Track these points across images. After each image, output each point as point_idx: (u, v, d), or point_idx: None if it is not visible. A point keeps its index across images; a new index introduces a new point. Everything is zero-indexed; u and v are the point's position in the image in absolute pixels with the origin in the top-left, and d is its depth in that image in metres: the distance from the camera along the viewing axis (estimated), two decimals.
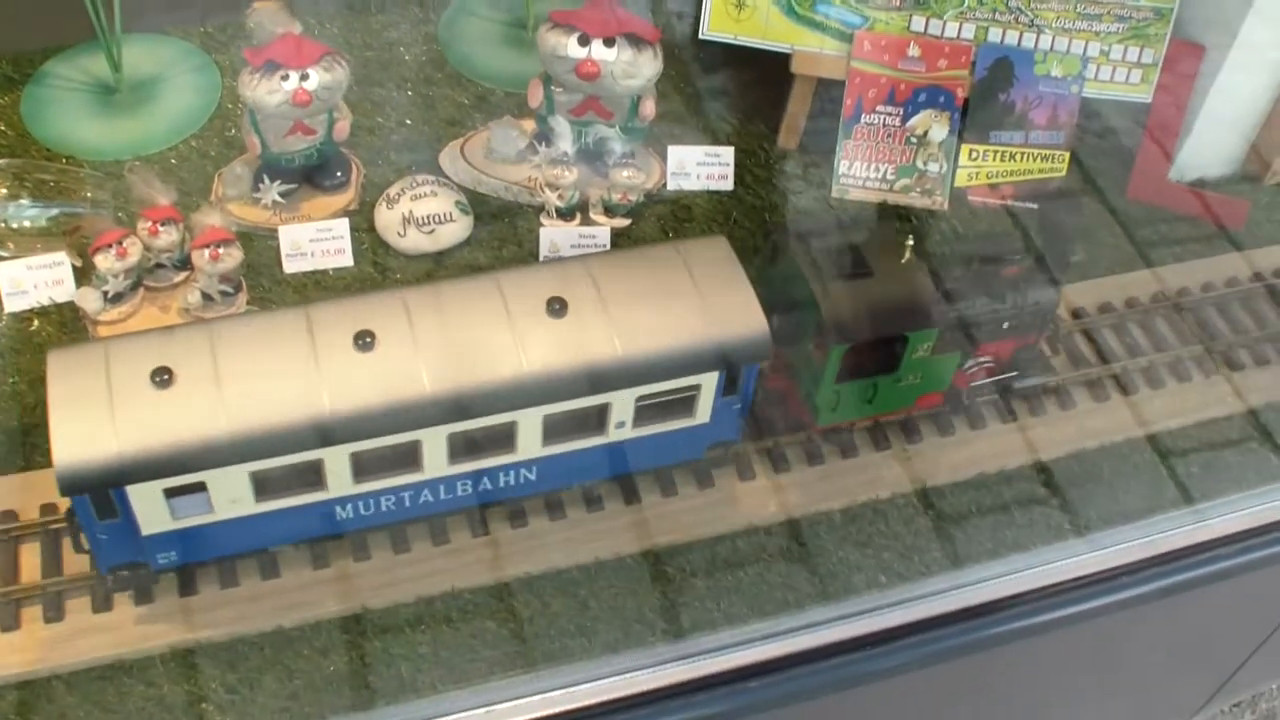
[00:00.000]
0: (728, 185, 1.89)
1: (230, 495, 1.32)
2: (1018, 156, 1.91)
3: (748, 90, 2.02)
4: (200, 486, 1.30)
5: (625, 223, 1.84)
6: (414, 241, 1.79)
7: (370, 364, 1.31)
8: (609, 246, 1.80)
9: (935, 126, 1.88)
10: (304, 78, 1.70)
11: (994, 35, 1.88)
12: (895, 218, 1.85)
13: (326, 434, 1.29)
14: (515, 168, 1.88)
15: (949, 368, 1.60)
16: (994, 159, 1.90)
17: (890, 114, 1.87)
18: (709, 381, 1.44)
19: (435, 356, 1.32)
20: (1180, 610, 1.77)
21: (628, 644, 1.46)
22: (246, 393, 1.28)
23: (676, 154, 1.88)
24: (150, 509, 1.30)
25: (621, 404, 1.42)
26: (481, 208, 1.85)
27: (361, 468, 1.35)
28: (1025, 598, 1.62)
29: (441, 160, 1.90)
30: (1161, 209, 1.94)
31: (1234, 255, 1.92)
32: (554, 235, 1.80)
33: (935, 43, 1.87)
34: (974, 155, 1.90)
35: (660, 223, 1.85)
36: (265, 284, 1.73)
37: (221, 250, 1.65)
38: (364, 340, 1.31)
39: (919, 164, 1.89)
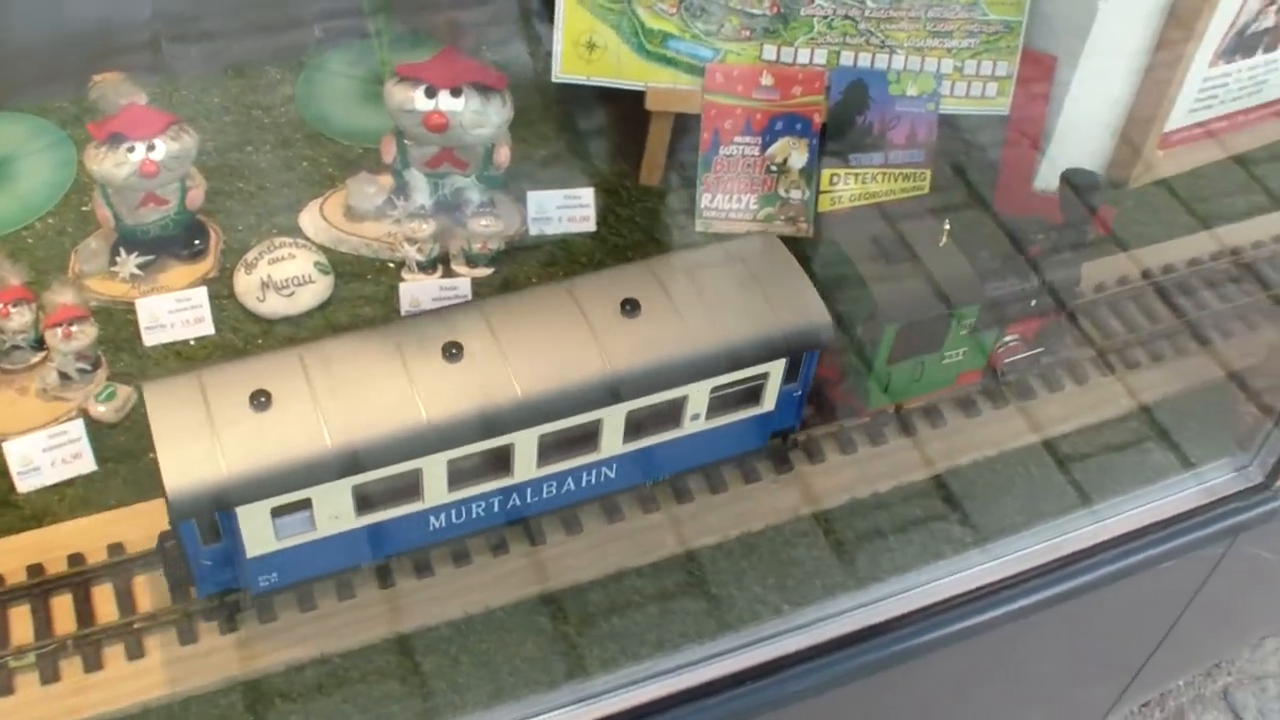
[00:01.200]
0: (590, 227, 1.89)
1: (332, 511, 1.35)
2: (879, 177, 1.91)
3: (608, 129, 2.02)
4: (305, 504, 1.33)
5: (487, 272, 1.83)
6: (274, 305, 1.78)
7: (460, 374, 1.36)
8: (470, 297, 1.78)
9: (794, 153, 1.88)
10: (150, 148, 1.70)
11: (846, 59, 1.89)
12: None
13: (425, 443, 1.34)
14: (375, 224, 1.87)
15: (987, 345, 1.70)
16: (856, 181, 1.91)
17: (748, 144, 1.88)
18: (775, 369, 1.51)
19: (521, 363, 1.38)
20: (1081, 613, 1.77)
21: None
22: (344, 408, 1.32)
23: (536, 199, 1.88)
24: (257, 530, 1.33)
25: (697, 396, 1.48)
26: (343, 266, 1.84)
27: (456, 476, 1.39)
28: (922, 614, 1.60)
29: (302, 221, 1.89)
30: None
31: (1106, 259, 1.92)
32: (414, 290, 1.79)
33: (788, 70, 1.87)
34: (835, 179, 1.90)
35: (523, 269, 1.84)
36: (126, 358, 1.71)
37: (74, 328, 1.63)
38: (452, 351, 1.37)
39: (781, 192, 1.89)
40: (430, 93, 1.75)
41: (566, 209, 1.89)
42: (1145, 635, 2.08)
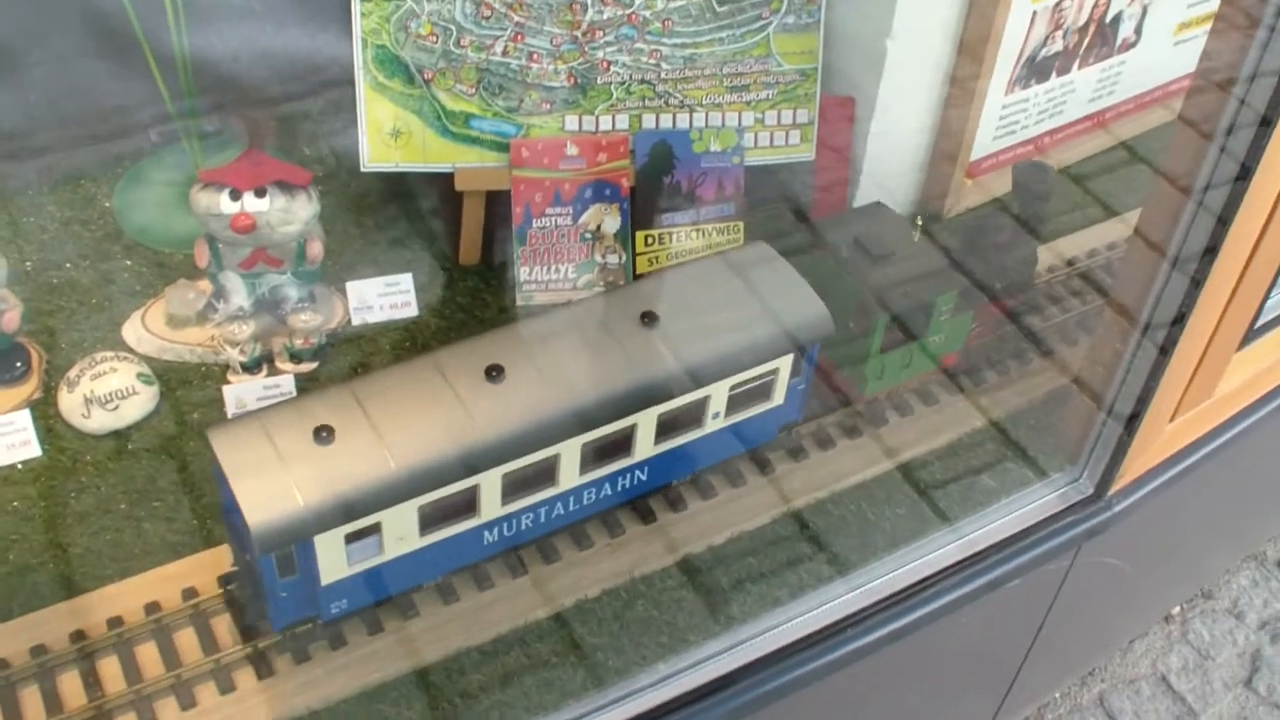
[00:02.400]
0: (412, 312, 1.91)
1: (399, 533, 1.45)
2: (693, 234, 1.95)
3: (426, 212, 2.05)
4: (375, 528, 1.42)
5: (311, 366, 1.85)
6: (100, 421, 1.78)
7: (504, 393, 1.47)
8: (295, 393, 1.79)
9: (607, 219, 1.92)
10: None
11: (648, 122, 1.93)
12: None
13: (480, 459, 1.45)
14: (197, 330, 1.88)
15: (965, 327, 1.88)
16: (671, 240, 1.94)
17: (560, 214, 1.91)
18: (785, 364, 1.65)
19: (559, 378, 1.50)
20: (940, 637, 1.81)
21: None
22: (403, 433, 1.42)
23: (356, 289, 1.90)
24: (331, 557, 1.41)
25: (718, 395, 1.61)
26: (169, 374, 1.85)
27: (508, 489, 1.50)
28: (779, 655, 1.63)
29: (125, 333, 1.90)
30: None
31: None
32: (238, 392, 1.80)
33: (592, 139, 1.91)
34: (650, 240, 1.93)
35: (348, 360, 1.86)
36: None
37: None
38: (494, 374, 1.48)
39: (598, 258, 1.92)
40: (234, 195, 1.77)
41: (387, 296, 1.91)
42: (1010, 652, 2.12)
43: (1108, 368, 1.79)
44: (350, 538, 1.41)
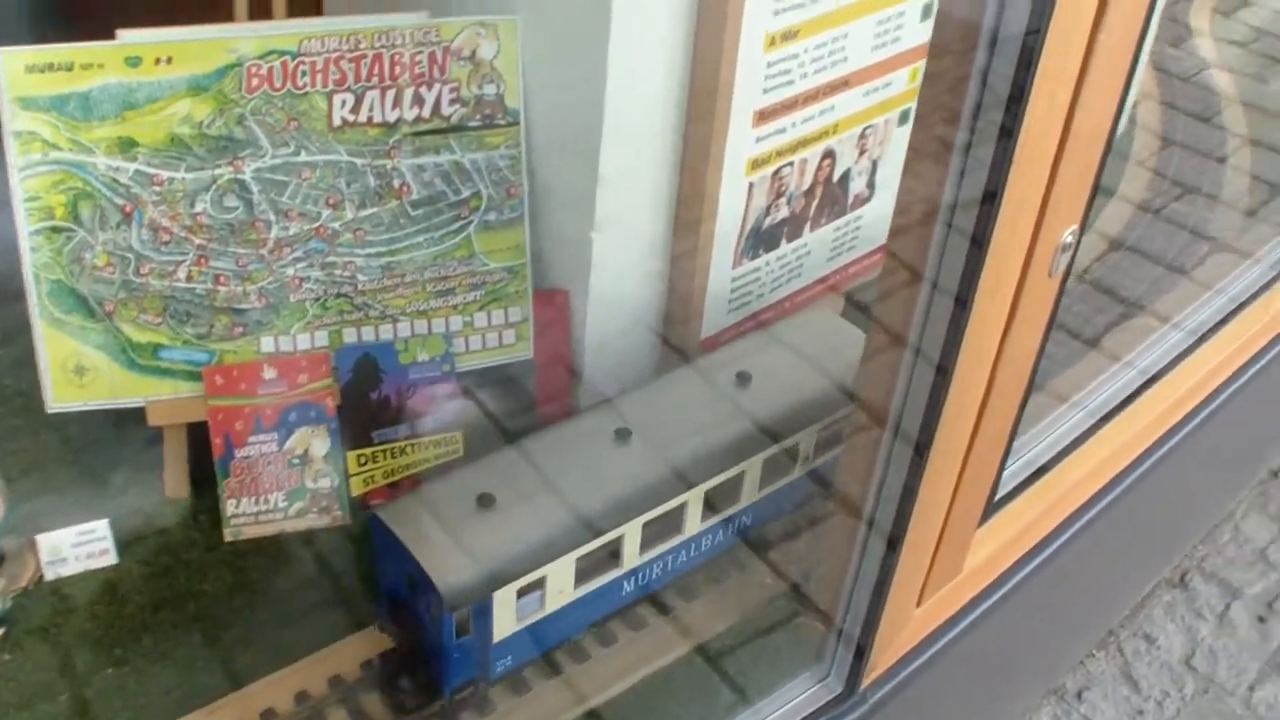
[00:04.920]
0: (111, 559, 1.79)
1: (559, 586, 1.59)
2: (408, 449, 1.85)
3: (126, 450, 1.93)
4: (541, 583, 1.57)
5: None
6: None
7: (632, 452, 1.70)
8: None
9: (315, 442, 1.81)
10: None
11: (350, 336, 1.84)
12: None
13: (622, 511, 1.63)
14: None
15: None
16: (385, 458, 1.85)
17: (265, 441, 1.80)
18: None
19: (677, 436, 1.73)
20: None
21: None
22: (555, 491, 1.61)
23: (48, 541, 1.78)
24: (504, 614, 1.55)
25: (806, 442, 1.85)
26: None
27: (645, 538, 1.67)
28: None
29: None
30: None
31: None
32: None
33: (290, 359, 1.81)
34: (363, 460, 1.84)
35: (41, 622, 1.72)
36: None
37: None
38: (622, 435, 1.70)
39: (309, 483, 1.81)
40: None
41: (83, 545, 1.80)
42: None
43: (841, 558, 1.72)
44: (521, 593, 1.55)
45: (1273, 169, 3.30)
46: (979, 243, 1.40)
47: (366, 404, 1.89)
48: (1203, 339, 2.35)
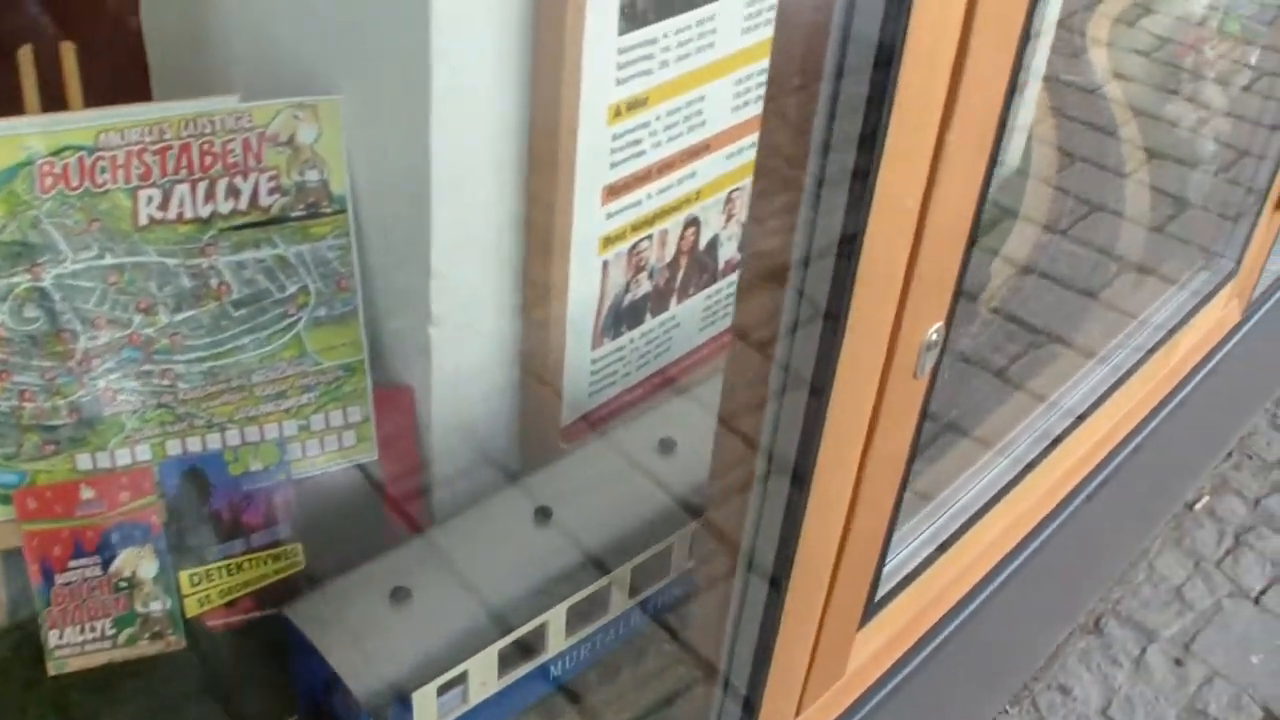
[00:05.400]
0: None
1: (481, 679, 1.53)
2: (246, 565, 1.72)
3: None
4: (463, 677, 1.51)
5: None
6: None
7: (553, 533, 1.65)
8: None
9: (142, 563, 1.68)
10: None
11: (174, 449, 1.70)
12: None
13: (546, 597, 1.58)
14: None
15: None
16: (221, 576, 1.71)
17: (87, 566, 1.67)
18: None
19: (599, 521, 1.68)
20: None
21: None
22: (474, 579, 1.57)
23: None
24: (425, 713, 1.48)
25: None
26: None
27: (570, 621, 1.62)
28: None
29: None
30: None
31: None
32: None
33: (110, 476, 1.67)
34: (197, 580, 1.70)
35: None
36: None
37: None
38: (541, 515, 1.67)
39: (139, 607, 1.68)
40: None
41: None
42: None
43: (712, 665, 1.61)
44: (441, 690, 1.49)
45: (1175, 181, 3.22)
46: (825, 357, 1.28)
47: (196, 520, 1.76)
48: (1113, 388, 2.25)
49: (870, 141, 1.17)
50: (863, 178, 1.19)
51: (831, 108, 1.17)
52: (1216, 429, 3.11)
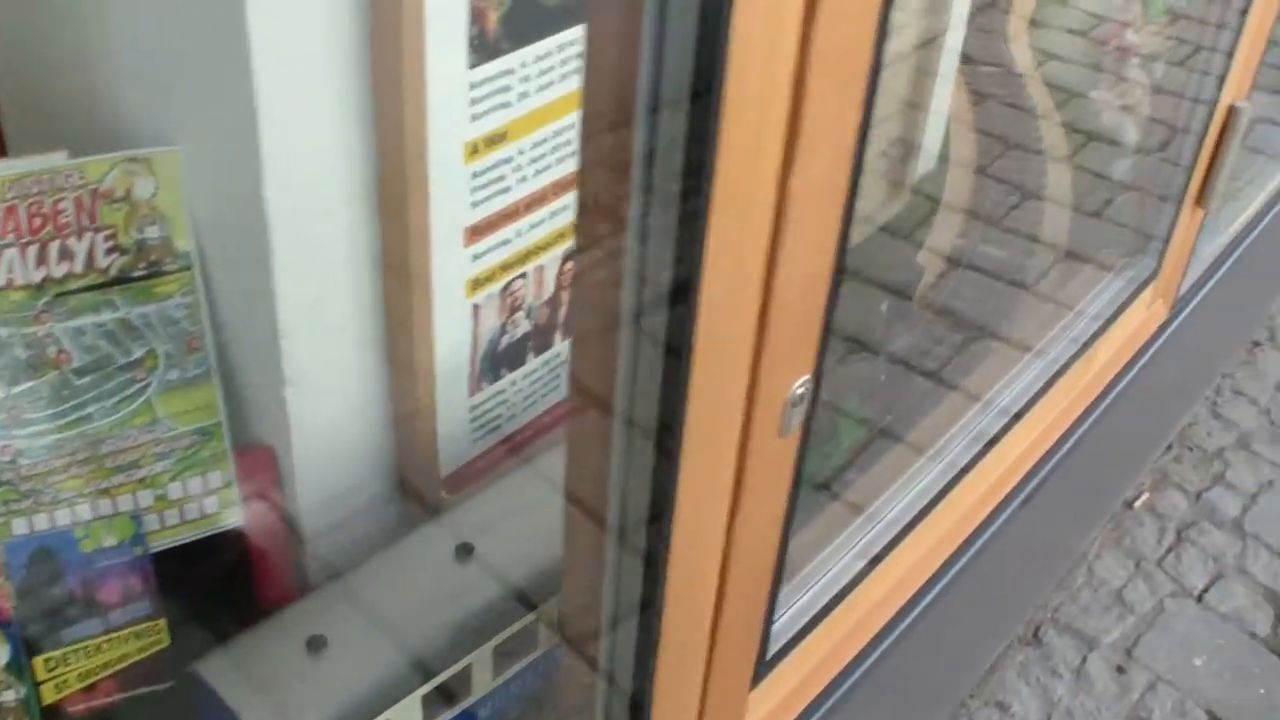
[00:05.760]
0: None
1: None
2: (105, 646, 1.62)
3: None
4: None
5: None
6: None
7: (475, 571, 1.59)
8: None
9: None
10: None
11: (20, 527, 1.61)
12: None
13: (470, 637, 1.52)
14: None
15: None
16: (78, 659, 1.62)
17: None
18: None
19: (523, 547, 1.61)
20: None
21: None
22: (394, 623, 1.51)
23: None
24: None
25: None
26: None
27: (498, 663, 1.55)
28: None
29: None
30: None
31: None
32: None
33: None
34: (52, 665, 1.61)
35: None
36: None
37: None
38: (463, 552, 1.61)
39: None
40: None
41: None
42: None
43: None
44: None
45: (1104, 169, 3.14)
46: (669, 422, 1.19)
47: (48, 602, 1.66)
48: (1044, 388, 2.17)
49: (695, 188, 1.08)
50: (690, 224, 1.10)
51: (649, 148, 1.08)
52: (1153, 424, 3.03)
